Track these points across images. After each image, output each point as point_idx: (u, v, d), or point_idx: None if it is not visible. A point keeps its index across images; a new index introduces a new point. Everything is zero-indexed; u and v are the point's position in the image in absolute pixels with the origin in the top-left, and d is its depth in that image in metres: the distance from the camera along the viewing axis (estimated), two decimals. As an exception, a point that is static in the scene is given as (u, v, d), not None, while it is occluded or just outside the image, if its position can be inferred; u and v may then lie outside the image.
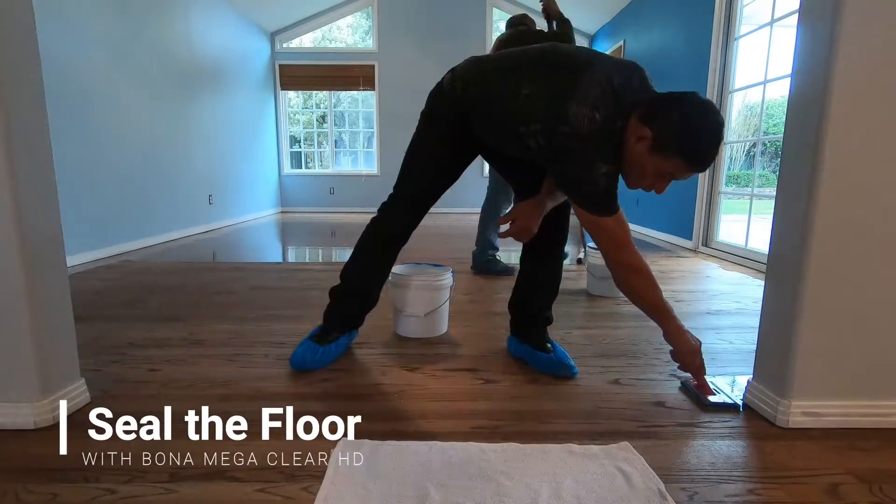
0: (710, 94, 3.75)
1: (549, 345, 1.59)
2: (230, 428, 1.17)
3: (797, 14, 1.21)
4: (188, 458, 1.05)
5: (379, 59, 6.94)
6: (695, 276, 2.99)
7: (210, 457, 1.05)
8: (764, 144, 3.71)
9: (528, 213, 1.47)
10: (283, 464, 1.03)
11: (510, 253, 3.42)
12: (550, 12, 2.71)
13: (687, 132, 1.13)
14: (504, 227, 1.55)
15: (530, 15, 2.99)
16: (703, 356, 1.36)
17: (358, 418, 1.22)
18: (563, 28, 2.73)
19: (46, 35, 2.94)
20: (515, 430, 1.18)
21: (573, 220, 1.51)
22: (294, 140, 7.57)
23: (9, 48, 1.07)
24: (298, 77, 7.06)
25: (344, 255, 3.70)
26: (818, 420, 1.20)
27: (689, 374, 1.38)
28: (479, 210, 3.07)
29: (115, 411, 1.25)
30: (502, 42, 2.60)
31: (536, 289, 1.62)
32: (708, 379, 1.37)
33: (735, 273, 3.07)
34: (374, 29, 6.92)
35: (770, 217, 1.30)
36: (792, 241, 1.19)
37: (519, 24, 2.78)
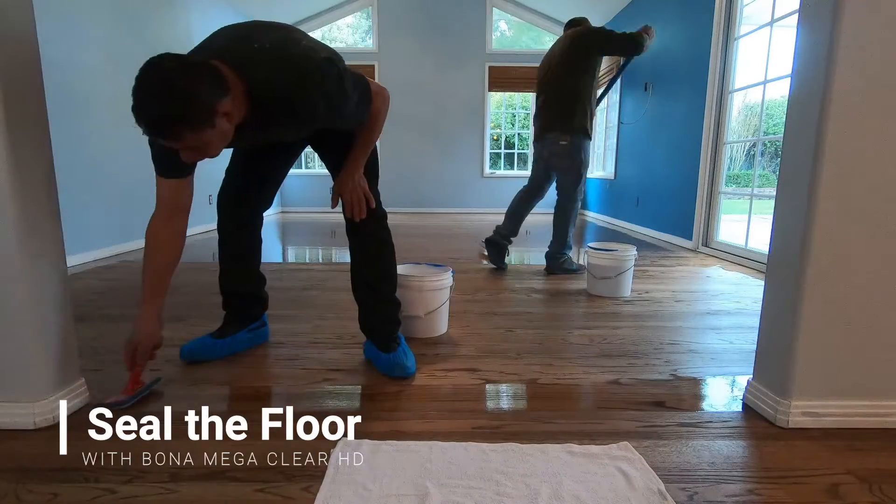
0: (710, 94, 3.76)
1: (393, 343, 1.51)
2: (230, 428, 1.17)
3: (797, 14, 1.21)
4: (188, 458, 1.05)
5: (379, 59, 6.95)
6: (695, 276, 2.99)
7: (210, 457, 1.05)
8: (764, 144, 3.71)
9: (346, 184, 1.38)
10: (283, 464, 1.03)
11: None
12: None
13: None
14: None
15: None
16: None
17: (358, 418, 1.22)
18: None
19: (46, 35, 2.94)
20: (515, 430, 1.18)
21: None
22: (294, 140, 7.57)
23: (9, 48, 1.08)
24: (298, 77, 7.05)
25: (344, 255, 3.70)
26: (818, 420, 1.20)
27: None
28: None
29: (115, 411, 1.26)
30: None
31: (357, 277, 1.55)
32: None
33: (735, 273, 3.07)
34: (374, 29, 6.92)
35: (770, 217, 1.30)
36: (792, 241, 1.19)
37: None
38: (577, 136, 2.77)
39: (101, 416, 1.10)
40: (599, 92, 3.03)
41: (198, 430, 1.16)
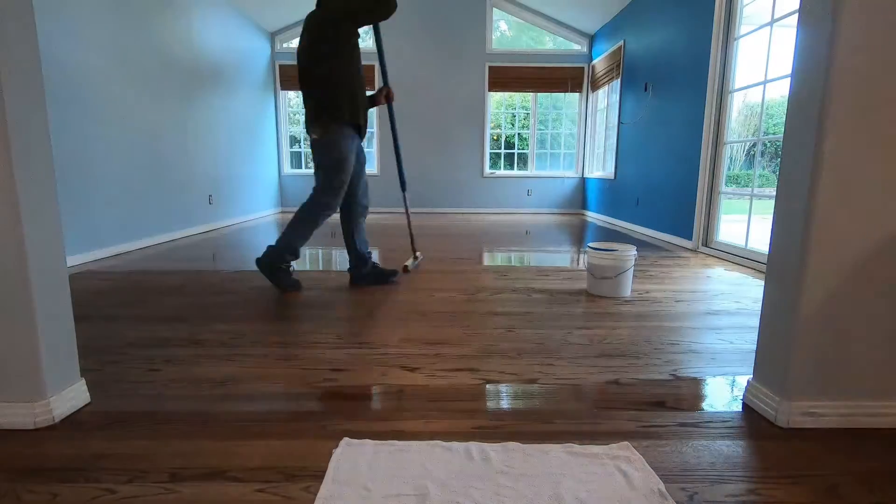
0: (710, 94, 3.76)
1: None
2: (230, 428, 1.17)
3: (797, 14, 1.21)
4: (188, 458, 1.05)
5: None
6: (695, 276, 2.99)
7: (210, 457, 1.06)
8: (764, 144, 3.71)
9: None
10: (283, 464, 1.03)
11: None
12: None
13: None
14: None
15: None
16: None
17: (358, 418, 1.22)
18: None
19: (46, 35, 2.96)
20: (515, 430, 1.18)
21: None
22: (294, 140, 7.57)
23: (9, 48, 1.08)
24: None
25: (344, 255, 3.70)
26: (818, 420, 1.20)
27: None
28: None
29: (115, 411, 1.26)
30: None
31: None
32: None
33: (735, 273, 3.07)
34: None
35: (770, 217, 1.30)
36: (792, 241, 1.19)
37: None
38: (330, 127, 2.38)
39: (100, 416, 1.10)
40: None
41: (198, 429, 1.16)
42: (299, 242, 2.48)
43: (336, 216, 2.68)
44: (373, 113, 7.16)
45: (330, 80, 2.36)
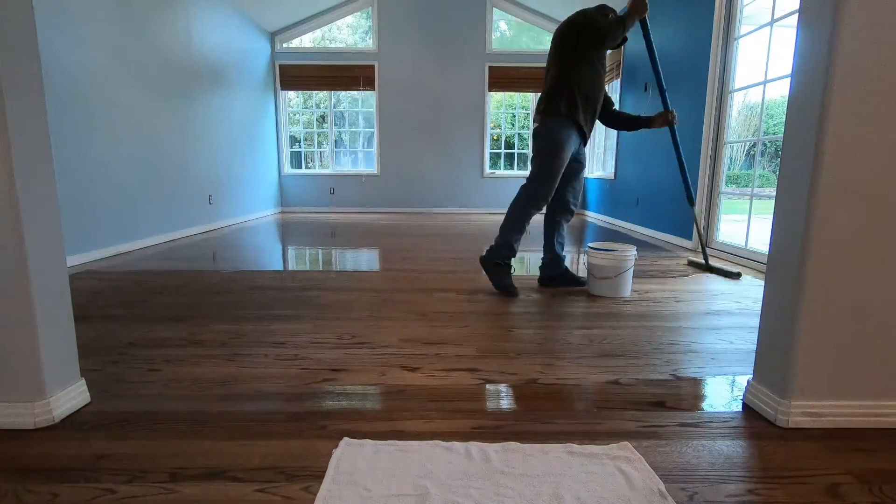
0: (710, 94, 3.75)
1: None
2: (230, 428, 1.17)
3: (797, 14, 1.21)
4: (188, 458, 1.05)
5: (379, 59, 6.95)
6: (695, 276, 2.99)
7: (210, 457, 1.06)
8: (764, 144, 3.71)
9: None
10: (283, 464, 1.03)
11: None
12: None
13: None
14: None
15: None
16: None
17: (358, 418, 1.22)
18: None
19: (46, 35, 2.95)
20: (515, 430, 1.18)
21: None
22: (294, 140, 7.57)
23: (9, 48, 1.08)
24: (298, 77, 7.06)
25: (344, 255, 3.70)
26: (818, 420, 1.20)
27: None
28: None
29: (115, 411, 1.26)
30: None
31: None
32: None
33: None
34: (374, 29, 6.92)
35: (770, 217, 1.30)
36: (792, 241, 1.19)
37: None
38: (549, 118, 2.41)
39: (100, 416, 1.10)
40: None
41: (198, 429, 1.16)
42: (514, 237, 2.46)
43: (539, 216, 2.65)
44: (371, 113, 7.16)
45: (558, 77, 2.43)
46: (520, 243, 2.47)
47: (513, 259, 2.49)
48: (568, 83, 2.40)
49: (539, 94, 2.67)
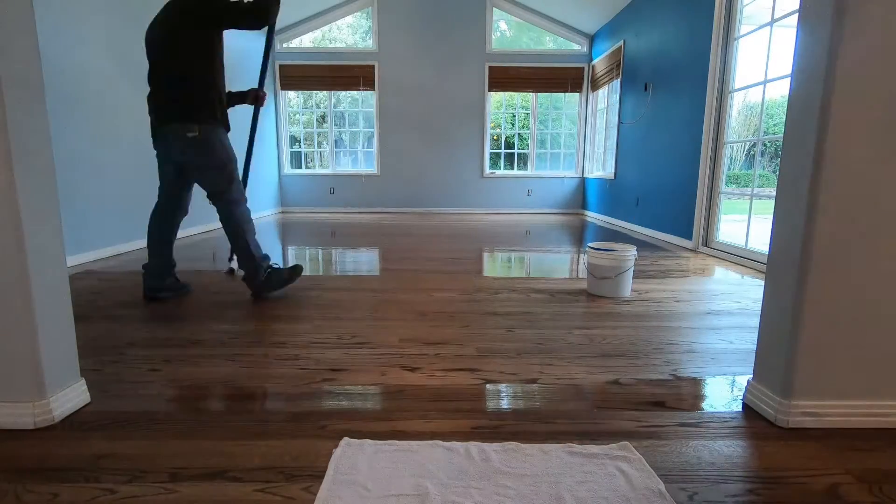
0: (710, 94, 3.75)
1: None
2: (230, 428, 1.17)
3: (797, 14, 1.21)
4: (188, 458, 1.05)
5: (379, 59, 6.95)
6: (695, 276, 2.99)
7: (210, 457, 1.06)
8: (764, 144, 3.71)
9: None
10: (283, 464, 1.03)
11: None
12: None
13: None
14: None
15: None
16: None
17: (358, 418, 1.22)
18: None
19: (46, 35, 2.95)
20: (515, 430, 1.18)
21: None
22: (294, 140, 7.57)
23: (9, 48, 1.08)
24: (298, 77, 7.06)
25: (344, 255, 3.70)
26: (818, 420, 1.20)
27: None
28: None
29: (115, 411, 1.26)
30: None
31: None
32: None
33: (735, 273, 3.07)
34: (374, 29, 6.92)
35: (770, 217, 1.30)
36: (792, 241, 1.19)
37: None
38: (207, 126, 2.23)
39: (100, 416, 1.10)
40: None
41: (198, 429, 1.16)
42: (252, 242, 2.33)
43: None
44: (371, 113, 7.17)
45: (199, 79, 2.24)
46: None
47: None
48: (213, 85, 2.23)
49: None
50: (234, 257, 2.89)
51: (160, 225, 2.41)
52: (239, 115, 5.85)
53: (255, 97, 2.64)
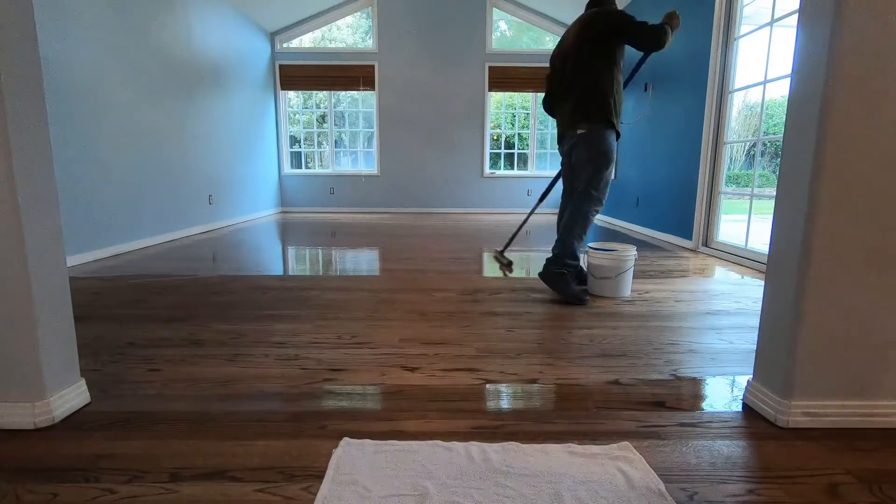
0: (710, 94, 3.76)
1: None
2: (230, 428, 1.17)
3: (797, 14, 1.21)
4: (188, 458, 1.05)
5: (379, 59, 6.94)
6: (695, 276, 2.99)
7: (210, 457, 1.06)
8: (764, 144, 3.71)
9: None
10: (283, 464, 1.03)
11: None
12: None
13: None
14: None
15: None
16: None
17: (358, 418, 1.22)
18: None
19: (46, 35, 2.95)
20: (515, 430, 1.18)
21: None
22: (294, 140, 7.56)
23: (9, 48, 1.08)
24: (298, 77, 7.06)
25: (344, 255, 3.70)
26: (818, 420, 1.20)
27: None
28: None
29: (115, 411, 1.26)
30: None
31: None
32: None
33: (735, 273, 3.07)
34: (374, 29, 6.92)
35: (770, 217, 1.30)
36: (792, 241, 1.19)
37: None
38: (598, 125, 2.35)
39: (100, 416, 1.10)
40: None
41: (198, 429, 1.16)
42: (577, 245, 2.41)
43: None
44: (371, 113, 7.16)
45: (600, 82, 2.38)
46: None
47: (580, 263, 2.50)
48: (610, 91, 2.35)
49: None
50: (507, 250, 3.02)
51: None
52: (239, 115, 5.85)
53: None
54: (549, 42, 7.14)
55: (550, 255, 2.44)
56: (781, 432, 1.19)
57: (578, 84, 2.39)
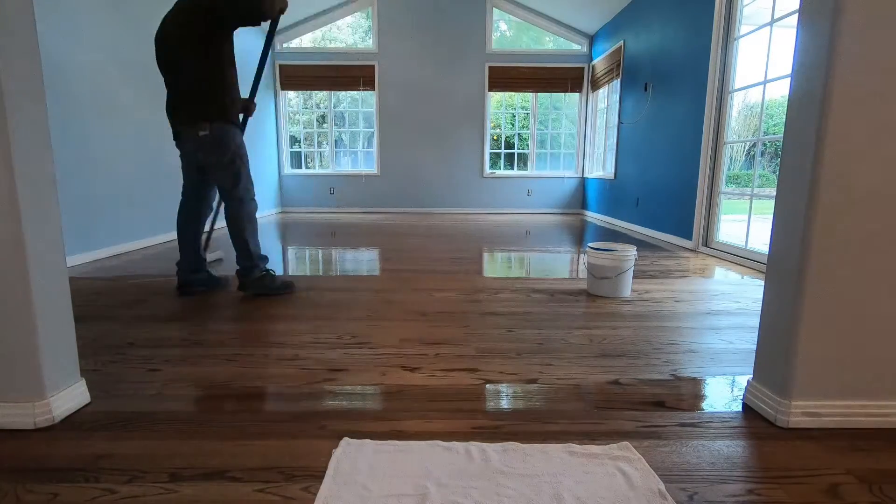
0: (710, 94, 3.75)
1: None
2: (230, 428, 1.17)
3: (797, 14, 1.21)
4: (188, 458, 1.05)
5: (379, 59, 6.95)
6: (695, 276, 2.99)
7: (210, 457, 1.06)
8: (764, 144, 3.71)
9: None
10: (283, 464, 1.03)
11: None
12: None
13: None
14: None
15: None
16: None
17: (358, 418, 1.22)
18: None
19: (46, 35, 2.95)
20: (515, 430, 1.18)
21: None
22: (294, 140, 7.57)
23: (9, 48, 1.08)
24: (298, 77, 7.06)
25: (344, 255, 3.70)
26: (818, 420, 1.20)
27: None
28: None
29: (115, 411, 1.26)
30: None
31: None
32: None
33: (735, 273, 3.07)
34: (374, 29, 6.92)
35: (770, 217, 1.30)
36: (792, 241, 1.19)
37: None
38: (218, 123, 2.23)
39: (100, 416, 1.10)
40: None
41: (198, 429, 1.16)
42: (253, 241, 2.39)
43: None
44: (372, 113, 7.16)
45: (210, 79, 2.26)
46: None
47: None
48: (224, 84, 2.24)
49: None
50: (208, 250, 2.89)
51: (185, 221, 2.47)
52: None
53: (244, 108, 2.55)
54: (549, 42, 7.15)
55: (238, 269, 2.39)
56: (781, 432, 1.19)
57: (184, 74, 2.28)
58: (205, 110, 2.23)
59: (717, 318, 2.11)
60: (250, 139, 5.65)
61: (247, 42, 6.15)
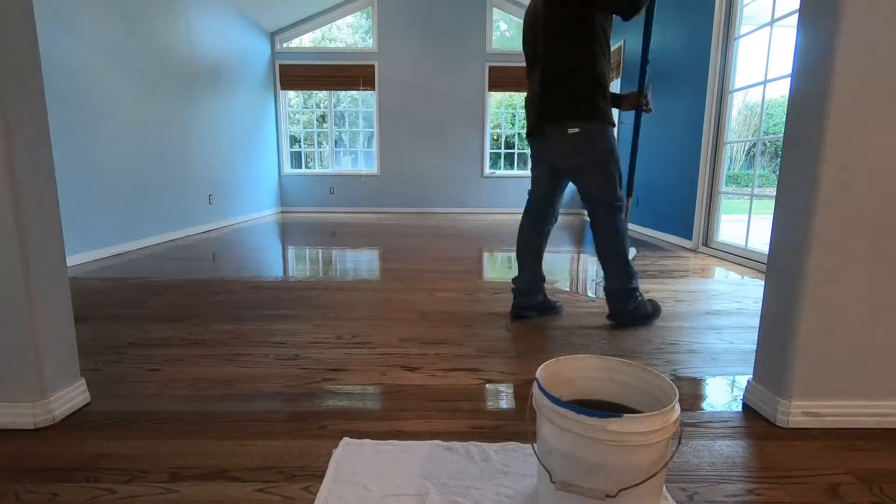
0: (710, 94, 3.75)
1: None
2: (230, 428, 1.17)
3: (797, 14, 1.21)
4: (188, 458, 1.05)
5: (379, 59, 6.95)
6: (695, 276, 2.99)
7: (210, 457, 1.06)
8: (764, 144, 3.71)
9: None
10: (283, 464, 1.03)
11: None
12: None
13: None
14: None
15: None
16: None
17: (358, 418, 1.22)
18: None
19: (46, 35, 2.95)
20: (515, 430, 1.18)
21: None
22: (294, 140, 7.57)
23: (9, 48, 1.08)
24: (298, 77, 7.06)
25: (344, 255, 3.70)
26: (818, 420, 1.20)
27: None
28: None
29: (115, 411, 1.26)
30: None
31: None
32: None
33: (735, 273, 3.07)
34: (374, 29, 6.92)
35: (770, 217, 1.30)
36: (792, 241, 1.19)
37: None
38: (592, 122, 1.88)
39: (100, 416, 1.10)
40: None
41: (198, 429, 1.16)
42: (628, 258, 1.94)
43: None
44: (371, 113, 7.16)
45: (583, 67, 1.85)
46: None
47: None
48: (596, 74, 1.83)
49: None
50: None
51: (529, 232, 2.12)
52: (239, 115, 5.84)
53: (633, 102, 2.06)
54: (549, 42, 7.13)
55: (610, 292, 1.96)
56: (781, 432, 1.19)
57: (549, 66, 1.87)
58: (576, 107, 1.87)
59: (717, 318, 2.11)
60: (251, 139, 5.66)
61: (244, 41, 6.15)
